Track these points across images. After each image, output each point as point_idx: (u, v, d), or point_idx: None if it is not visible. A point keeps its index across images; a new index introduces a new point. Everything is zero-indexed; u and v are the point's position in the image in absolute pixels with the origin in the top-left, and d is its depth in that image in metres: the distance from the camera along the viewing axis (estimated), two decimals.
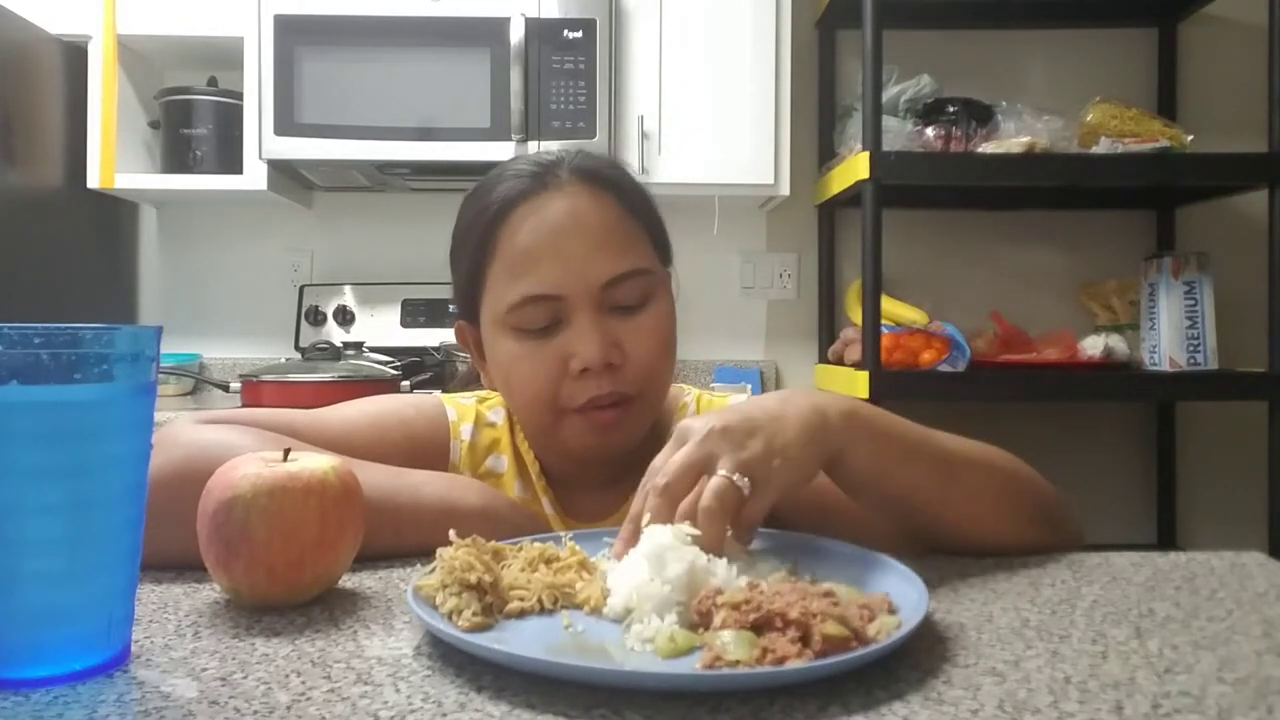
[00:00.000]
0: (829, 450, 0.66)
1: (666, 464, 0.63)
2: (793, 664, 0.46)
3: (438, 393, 0.98)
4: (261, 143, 2.18)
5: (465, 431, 0.93)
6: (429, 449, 0.88)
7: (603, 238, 0.84)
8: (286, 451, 0.63)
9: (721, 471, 0.61)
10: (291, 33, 2.17)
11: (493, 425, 0.94)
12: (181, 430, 0.73)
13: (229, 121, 2.31)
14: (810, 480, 0.66)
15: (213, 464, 0.63)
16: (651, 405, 0.88)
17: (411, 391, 2.03)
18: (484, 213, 0.86)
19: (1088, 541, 0.78)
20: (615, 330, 0.83)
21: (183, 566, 0.67)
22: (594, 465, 0.89)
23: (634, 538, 0.61)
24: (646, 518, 0.61)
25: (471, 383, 1.10)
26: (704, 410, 0.96)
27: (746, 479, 0.61)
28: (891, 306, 2.20)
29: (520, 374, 0.84)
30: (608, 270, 0.83)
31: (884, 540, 0.71)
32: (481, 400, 0.97)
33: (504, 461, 0.93)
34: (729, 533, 0.61)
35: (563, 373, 0.82)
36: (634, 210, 0.88)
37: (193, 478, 0.63)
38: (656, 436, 0.92)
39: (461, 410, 0.94)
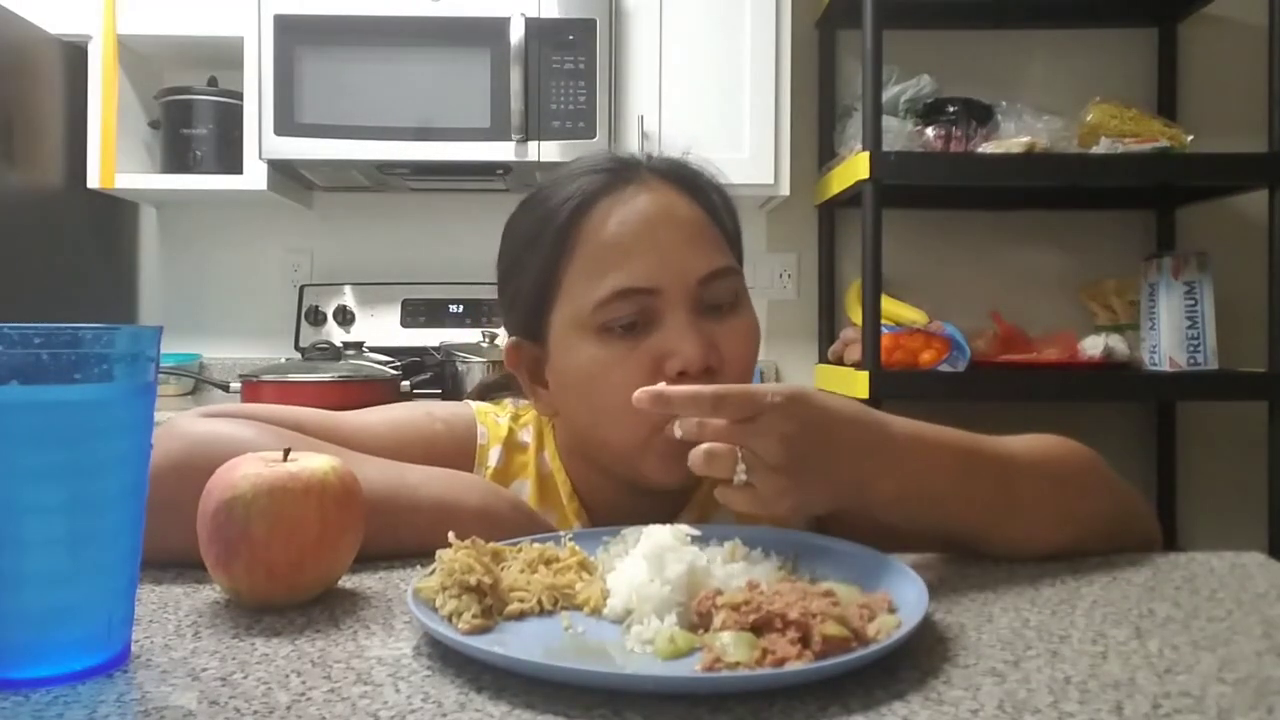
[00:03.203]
0: (876, 467, 0.64)
1: (736, 390, 0.60)
2: (792, 665, 0.46)
3: (473, 405, 0.92)
4: (261, 143, 2.18)
5: (494, 456, 0.87)
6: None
7: (695, 233, 0.79)
8: (286, 451, 0.63)
9: (742, 458, 0.60)
10: (291, 33, 2.17)
11: (524, 447, 0.89)
12: (182, 422, 0.72)
13: (229, 121, 2.31)
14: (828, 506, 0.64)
15: (214, 458, 0.62)
16: None
17: (412, 391, 2.03)
18: (557, 212, 0.80)
19: None
20: (711, 331, 0.77)
21: (183, 561, 0.66)
22: (651, 500, 0.80)
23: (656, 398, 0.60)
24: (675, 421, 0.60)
25: (489, 391, 1.05)
26: None
27: (744, 466, 0.60)
28: (891, 306, 2.20)
29: (608, 382, 0.76)
30: (705, 265, 0.78)
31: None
32: (515, 417, 0.91)
33: (526, 486, 0.87)
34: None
35: (656, 378, 0.74)
36: (716, 212, 0.83)
37: (193, 471, 0.62)
38: None
39: (493, 431, 0.89)
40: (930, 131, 2.15)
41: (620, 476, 0.82)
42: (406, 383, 2.04)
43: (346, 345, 2.16)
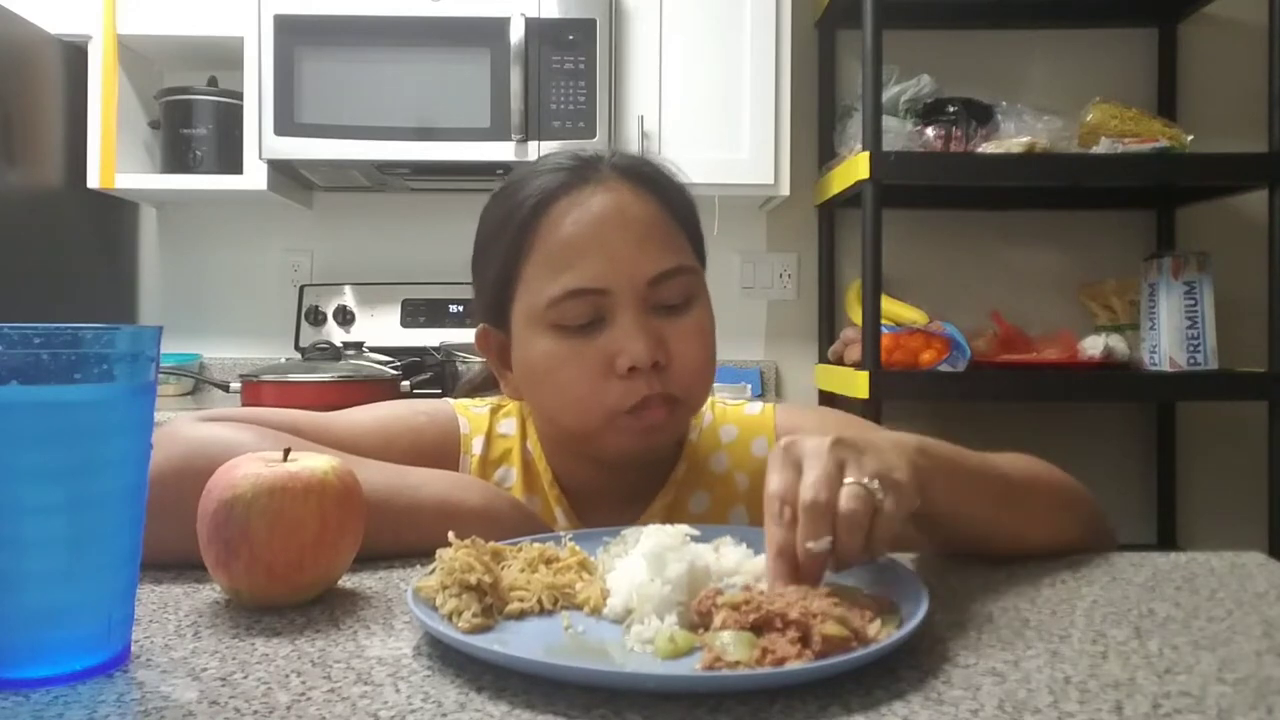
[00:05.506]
0: (921, 481, 0.60)
1: (806, 482, 0.55)
2: (792, 665, 0.46)
3: (451, 400, 0.95)
4: (261, 143, 2.18)
5: (477, 445, 0.91)
6: (438, 462, 0.85)
7: (647, 233, 0.81)
8: (286, 451, 0.63)
9: (850, 479, 0.56)
10: (291, 33, 2.17)
11: (504, 437, 0.92)
12: (182, 427, 0.72)
13: (229, 121, 2.31)
14: (914, 506, 0.60)
15: (213, 461, 0.63)
16: (692, 410, 0.85)
17: (412, 391, 2.03)
18: (520, 207, 0.82)
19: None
20: (660, 329, 0.80)
21: (182, 564, 0.66)
22: (617, 475, 0.87)
23: (792, 574, 0.54)
24: (812, 544, 0.54)
25: (478, 388, 1.08)
26: (722, 420, 0.94)
27: (878, 483, 0.56)
28: (891, 306, 2.20)
29: (563, 375, 0.80)
30: (654, 266, 0.80)
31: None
32: (494, 410, 0.94)
33: (512, 473, 0.90)
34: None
35: (608, 373, 0.79)
36: (674, 209, 0.85)
37: (193, 474, 0.63)
38: (678, 447, 0.91)
39: (474, 422, 0.92)
40: (930, 131, 2.15)
41: (586, 455, 0.86)
42: (406, 383, 2.04)
43: (346, 345, 2.16)
